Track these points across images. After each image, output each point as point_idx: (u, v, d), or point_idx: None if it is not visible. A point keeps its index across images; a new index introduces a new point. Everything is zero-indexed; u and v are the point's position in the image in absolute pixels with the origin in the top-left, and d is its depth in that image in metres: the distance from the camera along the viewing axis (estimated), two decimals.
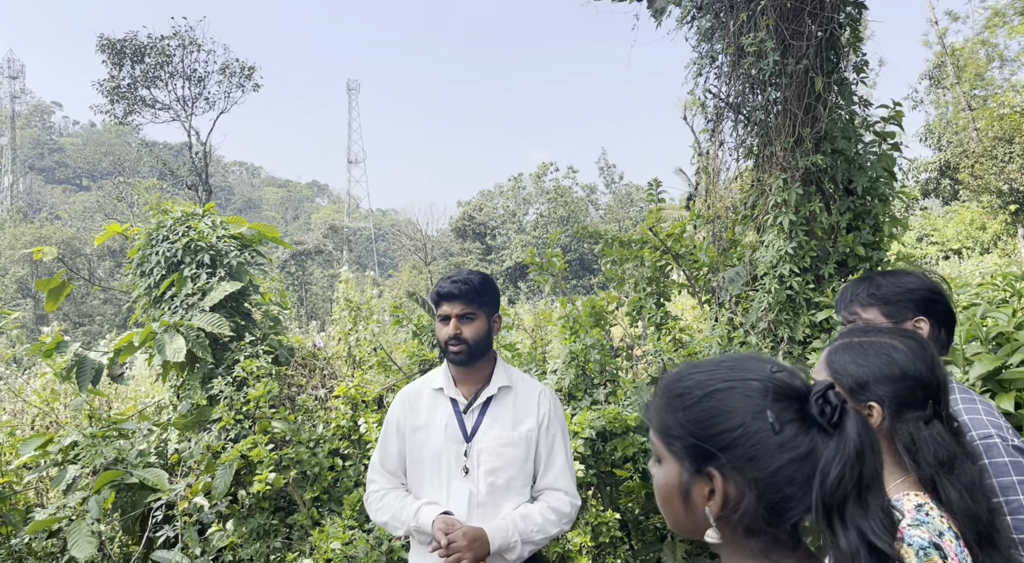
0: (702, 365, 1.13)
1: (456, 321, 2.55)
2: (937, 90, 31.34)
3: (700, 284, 5.14)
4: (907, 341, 1.57)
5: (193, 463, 4.17)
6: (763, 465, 1.02)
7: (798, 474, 1.01)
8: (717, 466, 1.05)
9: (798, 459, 1.01)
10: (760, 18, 4.25)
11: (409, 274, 50.47)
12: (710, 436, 1.06)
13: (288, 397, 4.64)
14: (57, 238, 43.22)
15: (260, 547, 3.89)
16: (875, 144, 4.39)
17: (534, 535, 2.46)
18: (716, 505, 1.06)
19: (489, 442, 2.54)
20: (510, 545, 2.41)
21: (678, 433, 1.10)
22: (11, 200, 78.41)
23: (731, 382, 1.07)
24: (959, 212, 23.33)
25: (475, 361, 2.60)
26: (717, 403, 1.07)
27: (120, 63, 30.70)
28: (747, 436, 1.03)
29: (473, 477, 2.52)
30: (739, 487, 1.04)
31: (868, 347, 1.58)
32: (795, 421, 1.03)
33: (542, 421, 2.62)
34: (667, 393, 1.13)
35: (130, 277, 4.87)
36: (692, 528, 1.12)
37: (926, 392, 1.51)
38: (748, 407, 1.04)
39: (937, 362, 1.55)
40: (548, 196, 55.19)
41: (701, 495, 1.08)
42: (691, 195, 5.22)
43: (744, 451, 1.03)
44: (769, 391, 1.05)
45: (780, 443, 1.02)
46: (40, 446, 4.20)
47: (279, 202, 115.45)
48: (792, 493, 1.01)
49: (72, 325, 39.98)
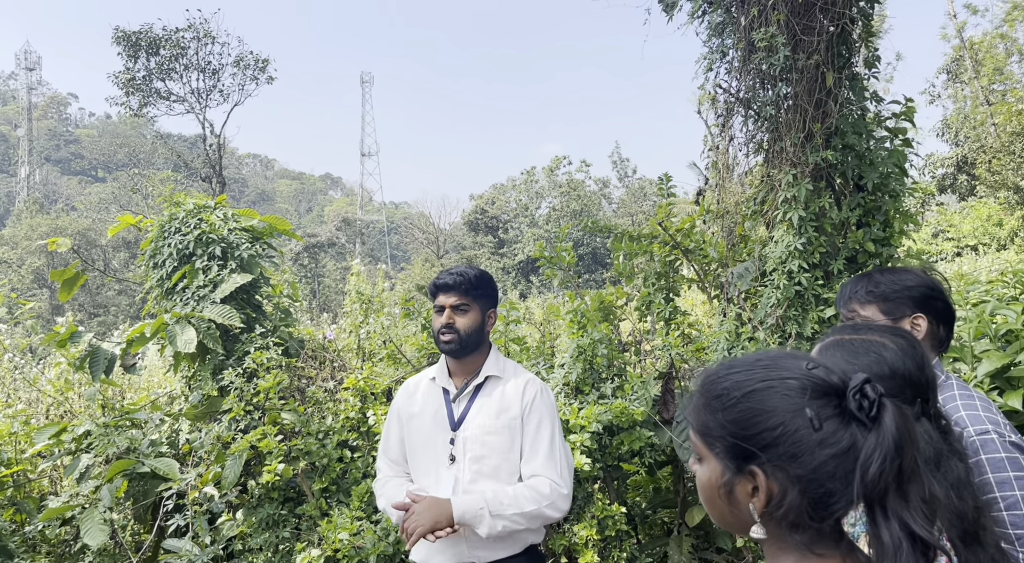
0: (737, 364, 1.15)
1: (450, 311, 2.61)
2: (955, 85, 31.04)
3: (709, 279, 5.13)
4: (896, 339, 1.58)
5: (204, 453, 4.22)
6: (805, 462, 1.04)
7: (840, 469, 1.04)
8: (759, 464, 1.07)
9: (839, 454, 1.04)
10: (771, 13, 4.23)
11: (421, 267, 50.57)
12: (751, 435, 1.08)
13: (298, 389, 4.68)
14: (72, 229, 43.62)
15: (269, 537, 3.93)
16: (887, 140, 4.37)
17: (505, 509, 2.42)
18: (760, 502, 1.08)
19: (474, 430, 2.58)
20: (476, 515, 2.39)
21: (719, 433, 1.11)
22: (28, 191, 79.11)
23: (769, 381, 1.09)
24: (976, 208, 23.11)
25: (467, 353, 2.65)
26: (756, 403, 1.08)
27: (135, 55, 30.85)
28: (787, 434, 1.05)
29: (459, 465, 2.58)
30: (782, 484, 1.06)
31: (858, 345, 1.59)
32: (834, 417, 1.05)
33: (525, 409, 2.63)
34: (705, 394, 1.15)
35: (143, 268, 4.92)
36: (737, 524, 1.14)
37: (914, 390, 1.52)
38: (787, 405, 1.06)
39: (926, 360, 1.56)
40: (561, 190, 55.11)
41: (745, 493, 1.10)
42: (701, 190, 5.20)
43: (785, 449, 1.05)
44: (807, 388, 1.07)
45: (820, 439, 1.04)
46: (54, 435, 4.26)
47: (292, 194, 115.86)
48: (834, 488, 1.04)
49: (87, 315, 40.36)
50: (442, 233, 62.13)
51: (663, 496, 4.21)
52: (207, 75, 32.43)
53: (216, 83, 32.71)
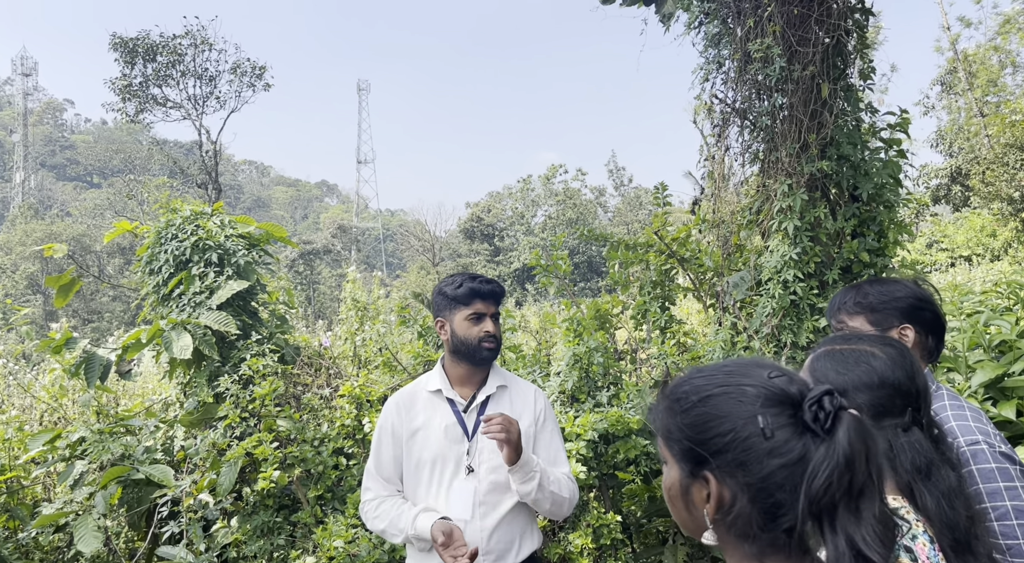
0: (704, 370, 1.15)
1: (491, 320, 2.59)
2: (949, 96, 31.22)
3: (705, 288, 5.15)
4: (887, 349, 1.59)
5: (199, 460, 4.21)
6: (754, 470, 1.03)
7: (788, 480, 1.01)
8: (711, 470, 1.07)
9: (789, 464, 1.01)
10: (767, 24, 4.26)
11: (417, 275, 50.56)
12: (704, 440, 1.08)
13: (293, 396, 4.68)
14: (67, 235, 43.51)
15: (264, 544, 3.92)
16: (881, 150, 4.40)
17: (550, 483, 2.51)
18: (711, 508, 1.08)
19: (490, 441, 2.54)
20: (532, 467, 2.46)
21: (677, 436, 1.12)
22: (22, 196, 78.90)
23: (726, 387, 1.09)
24: (969, 219, 23.19)
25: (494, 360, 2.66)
26: (711, 408, 1.08)
27: (132, 61, 30.85)
28: (738, 441, 1.04)
29: (477, 476, 2.55)
30: (732, 491, 1.05)
31: (848, 355, 1.60)
32: (787, 426, 1.03)
33: (538, 417, 2.67)
34: (668, 397, 1.16)
35: (139, 275, 4.91)
36: (696, 529, 1.14)
37: (904, 399, 1.53)
38: (740, 412, 1.05)
39: (917, 369, 1.57)
40: (557, 198, 55.19)
41: (700, 497, 1.10)
42: (697, 199, 5.23)
43: (735, 456, 1.04)
44: (762, 396, 1.06)
45: (771, 448, 1.02)
46: (48, 441, 4.24)
47: (288, 201, 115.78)
48: (783, 499, 1.02)
49: (81, 321, 40.21)
50: (438, 240, 62.12)
51: (658, 505, 4.21)
52: (204, 82, 32.44)
53: (213, 90, 32.72)
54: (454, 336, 2.59)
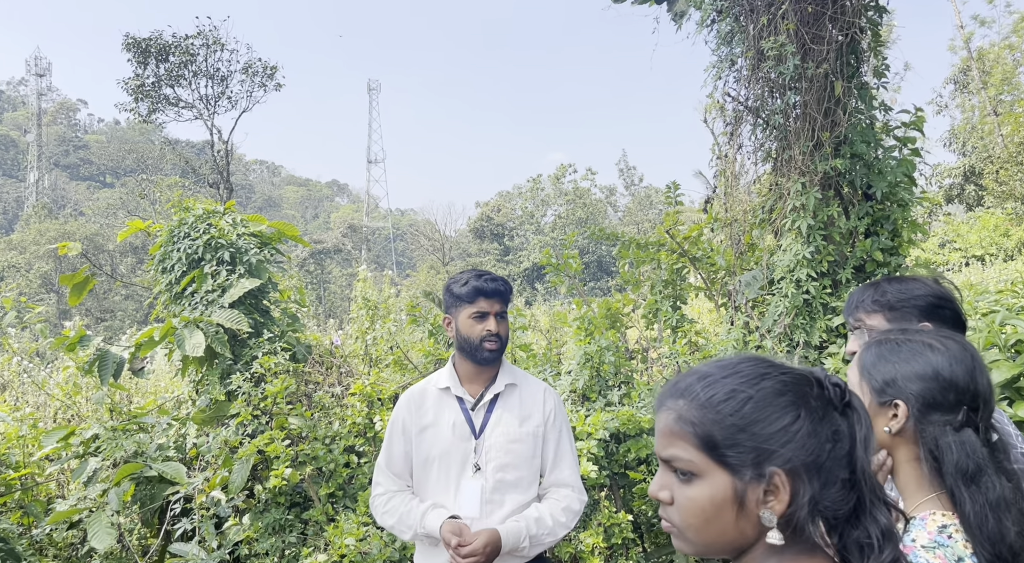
0: (713, 371, 1.15)
1: (495, 318, 2.56)
2: (962, 95, 31.02)
3: (717, 287, 5.13)
4: (947, 342, 1.50)
5: (211, 457, 4.23)
6: (815, 452, 1.07)
7: (844, 457, 1.08)
8: (779, 465, 1.07)
9: (839, 439, 1.08)
10: (780, 22, 4.24)
11: (427, 274, 50.62)
12: (767, 436, 1.07)
13: (305, 394, 4.69)
14: (81, 234, 43.79)
15: (275, 542, 3.93)
16: (895, 149, 4.37)
17: (544, 537, 2.49)
18: (782, 504, 1.06)
19: (498, 439, 2.55)
20: (520, 547, 2.44)
21: (730, 442, 1.09)
22: (36, 196, 79.49)
23: (759, 383, 1.11)
24: (983, 218, 23.03)
25: (500, 359, 2.63)
26: (760, 404, 1.09)
27: (145, 62, 31.02)
28: (796, 430, 1.08)
29: (483, 474, 2.54)
30: (799, 482, 1.07)
31: (902, 344, 1.53)
32: (822, 407, 1.09)
33: (548, 417, 2.64)
34: (702, 406, 1.12)
35: (152, 273, 4.94)
36: (738, 541, 1.10)
37: (959, 396, 1.43)
38: (784, 402, 1.09)
39: (980, 368, 1.46)
40: (567, 198, 55.18)
41: (756, 499, 1.08)
42: (708, 198, 5.21)
43: (798, 444, 1.07)
44: (792, 384, 1.11)
45: (822, 430, 1.08)
46: (62, 438, 4.27)
47: (299, 201, 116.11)
48: (840, 475, 1.08)
49: (94, 320, 40.45)
50: (448, 240, 62.20)
51: None
52: (216, 82, 32.58)
53: (224, 90, 32.85)
54: (459, 334, 2.58)
